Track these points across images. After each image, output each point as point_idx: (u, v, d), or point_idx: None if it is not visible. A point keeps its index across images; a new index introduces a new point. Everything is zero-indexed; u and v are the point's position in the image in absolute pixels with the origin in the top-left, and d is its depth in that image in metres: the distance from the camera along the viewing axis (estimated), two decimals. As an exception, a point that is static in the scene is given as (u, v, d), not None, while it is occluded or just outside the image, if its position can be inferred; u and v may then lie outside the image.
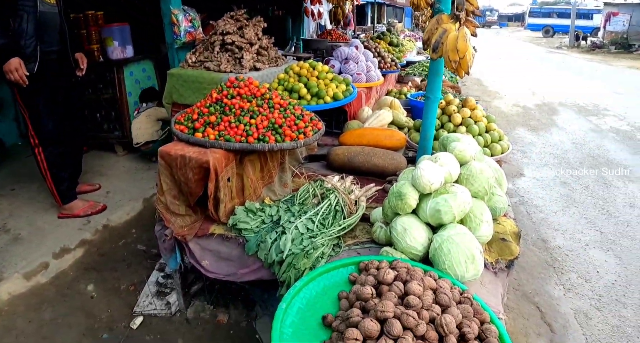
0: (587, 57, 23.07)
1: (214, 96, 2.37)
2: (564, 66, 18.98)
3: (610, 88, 13.27)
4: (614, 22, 26.79)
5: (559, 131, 8.39)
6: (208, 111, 2.31)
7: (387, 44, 5.64)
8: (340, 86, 3.11)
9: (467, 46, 2.02)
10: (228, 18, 3.83)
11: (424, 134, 2.64)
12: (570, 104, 10.70)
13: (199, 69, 3.55)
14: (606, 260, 4.03)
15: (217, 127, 2.22)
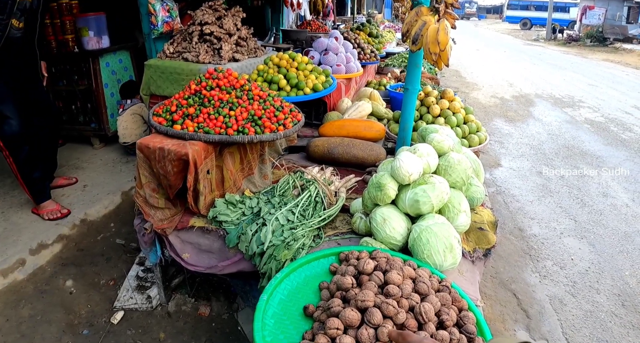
0: (563, 50, 23.51)
1: (193, 88, 2.33)
2: (541, 58, 19.29)
3: (586, 81, 13.57)
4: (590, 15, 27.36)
5: (535, 122, 8.55)
6: (187, 102, 2.28)
7: (366, 35, 5.64)
8: (320, 77, 3.11)
9: (448, 38, 2.04)
10: (207, 8, 3.78)
11: (402, 126, 2.66)
12: (547, 96, 10.90)
13: (177, 60, 3.50)
14: (580, 248, 4.14)
15: (196, 119, 2.20)
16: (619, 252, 4.08)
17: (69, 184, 4.09)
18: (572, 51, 23.49)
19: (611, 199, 5.21)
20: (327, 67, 3.59)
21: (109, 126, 5.01)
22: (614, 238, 4.33)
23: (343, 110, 3.20)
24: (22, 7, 3.05)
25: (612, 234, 4.40)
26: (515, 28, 39.50)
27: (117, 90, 5.09)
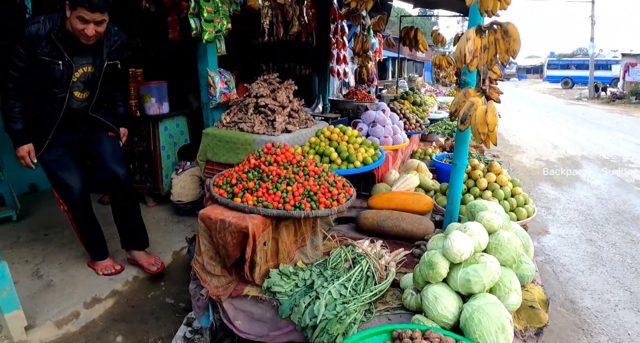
0: (607, 109, 23.10)
1: (252, 162, 2.53)
2: (585, 118, 19.02)
3: (634, 140, 13.23)
4: (633, 72, 26.97)
5: (583, 186, 8.35)
6: (246, 176, 2.47)
7: (410, 104, 5.84)
8: (369, 150, 3.26)
9: (496, 120, 2.15)
10: (262, 81, 4.07)
11: (451, 199, 2.73)
12: (593, 158, 10.67)
13: (233, 129, 3.75)
14: (637, 322, 3.93)
15: (256, 193, 2.36)
16: None
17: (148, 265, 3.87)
18: (617, 109, 23.06)
19: (670, 269, 4.98)
20: (375, 139, 3.76)
21: (163, 186, 5.29)
22: None
23: (391, 182, 3.31)
24: (84, 80, 3.03)
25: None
26: (556, 87, 39.30)
27: (173, 153, 5.41)
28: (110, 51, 3.03)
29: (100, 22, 2.70)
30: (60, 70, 2.82)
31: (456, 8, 6.44)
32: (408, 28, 5.67)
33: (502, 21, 2.07)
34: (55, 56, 2.78)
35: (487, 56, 2.16)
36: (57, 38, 2.73)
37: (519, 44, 2.06)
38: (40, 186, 5.59)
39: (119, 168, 3.35)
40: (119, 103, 3.52)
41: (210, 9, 4.02)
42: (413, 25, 5.75)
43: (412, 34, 5.46)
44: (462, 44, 2.08)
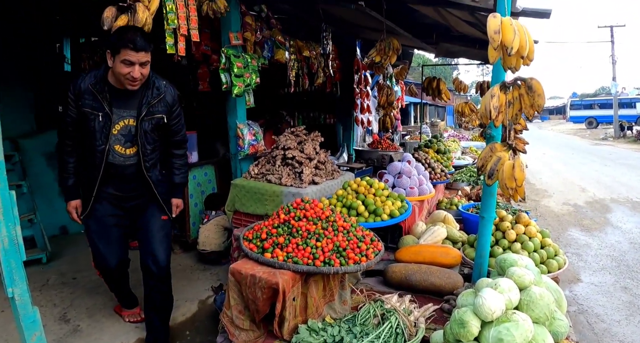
0: (635, 148, 22.67)
1: (282, 217, 2.59)
2: (612, 158, 18.68)
3: (664, 181, 12.91)
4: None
5: (614, 230, 8.11)
6: (276, 231, 2.52)
7: (434, 152, 5.89)
8: (396, 202, 3.29)
9: (524, 175, 2.17)
10: (289, 134, 4.18)
11: (479, 252, 2.72)
12: (623, 200, 10.41)
13: (260, 181, 3.83)
14: None
15: (286, 248, 2.40)
16: None
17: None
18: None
19: None
20: (401, 190, 3.79)
21: (190, 234, 5.36)
22: None
23: (418, 234, 3.31)
24: (125, 133, 2.87)
25: None
26: (580, 128, 38.88)
27: (200, 200, 5.51)
28: (152, 104, 2.90)
29: (144, 63, 2.70)
30: (99, 121, 2.79)
31: (477, 57, 6.59)
32: (430, 78, 5.81)
33: (525, 77, 2.13)
34: (95, 108, 2.78)
35: (512, 111, 2.21)
36: (96, 89, 2.76)
37: (544, 99, 2.11)
38: (71, 229, 5.71)
39: (162, 257, 3.09)
40: (175, 171, 3.22)
41: (240, 65, 4.22)
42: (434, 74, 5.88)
43: (435, 84, 5.58)
44: (487, 101, 2.14)
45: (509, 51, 2.00)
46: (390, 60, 4.33)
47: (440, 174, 4.96)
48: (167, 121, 2.99)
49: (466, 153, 10.54)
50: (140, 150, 2.92)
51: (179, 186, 3.27)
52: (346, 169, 5.09)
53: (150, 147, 2.98)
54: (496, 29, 1.98)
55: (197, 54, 4.71)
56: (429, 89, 5.71)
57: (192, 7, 3.57)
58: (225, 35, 4.27)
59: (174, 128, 3.11)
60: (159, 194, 3.06)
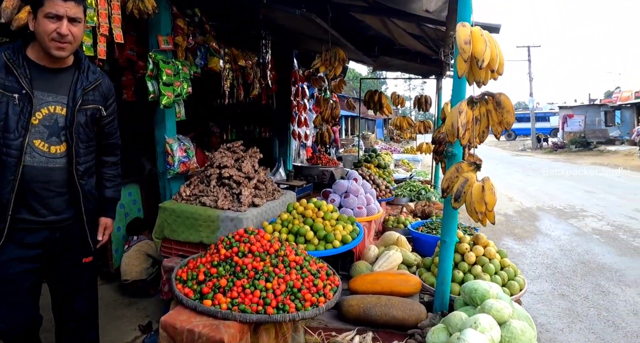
0: (552, 158, 24.29)
1: (222, 252, 2.18)
2: (533, 168, 19.81)
3: (582, 187, 13.76)
4: (571, 123, 28.97)
5: (544, 238, 8.39)
6: (217, 271, 2.11)
7: (375, 167, 5.71)
8: (347, 226, 3.01)
9: (495, 198, 1.97)
10: (225, 149, 3.81)
11: (441, 279, 2.51)
12: (549, 208, 10.89)
13: (193, 203, 3.42)
14: None
15: (230, 293, 2.02)
16: None
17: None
18: (561, 157, 24.30)
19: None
20: (349, 210, 3.53)
21: (113, 262, 4.80)
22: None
23: (371, 259, 3.05)
24: (50, 124, 2.19)
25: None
26: (501, 139, 41.14)
27: (124, 224, 4.96)
28: (87, 90, 2.29)
29: (75, 19, 2.12)
30: (15, 105, 2.08)
31: (416, 71, 6.58)
32: (372, 92, 5.67)
33: (494, 92, 1.94)
34: (9, 87, 2.08)
35: (479, 128, 2.02)
36: (12, 62, 2.10)
37: (513, 116, 1.93)
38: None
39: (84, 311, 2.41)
40: (107, 183, 2.55)
41: (170, 72, 3.78)
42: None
43: (377, 98, 5.43)
44: (455, 118, 1.92)
45: (479, 64, 1.80)
46: (336, 71, 4.09)
47: (385, 191, 4.77)
48: (102, 115, 2.40)
49: (399, 166, 10.60)
50: (73, 149, 2.23)
51: (110, 202, 2.59)
52: (286, 187, 4.78)
53: (84, 146, 2.31)
54: (466, 39, 1.77)
55: (121, 59, 4.21)
56: (370, 103, 5.56)
57: (115, 3, 3.10)
58: (154, 39, 3.81)
59: (108, 128, 2.50)
60: (85, 213, 2.33)
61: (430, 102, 6.68)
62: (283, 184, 4.59)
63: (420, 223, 3.95)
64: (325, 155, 6.35)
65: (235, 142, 3.89)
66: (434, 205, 4.65)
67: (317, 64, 4.16)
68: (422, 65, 5.60)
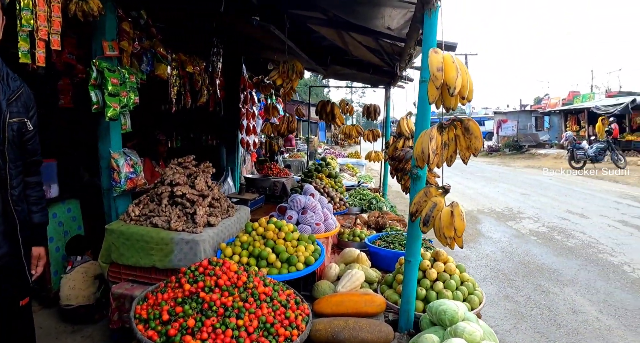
0: (488, 161, 25.48)
1: (186, 288, 2.02)
2: (471, 171, 20.61)
3: (517, 190, 14.51)
4: (505, 127, 30.60)
5: (486, 240, 8.73)
6: (182, 309, 1.94)
7: (326, 177, 5.67)
8: (309, 246, 2.93)
9: (464, 225, 1.98)
10: (176, 166, 3.62)
11: (406, 299, 2.52)
12: (488, 211, 11.35)
13: (144, 224, 3.20)
14: None
15: (199, 334, 1.85)
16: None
17: None
18: (496, 160, 25.52)
19: (582, 315, 5.21)
20: (307, 227, 3.46)
21: (52, 286, 4.46)
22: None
23: (332, 278, 2.99)
24: None
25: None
26: (439, 141, 42.71)
27: (63, 244, 4.63)
28: (11, 100, 2.02)
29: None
30: None
31: (366, 81, 6.62)
32: (324, 102, 5.64)
33: (462, 118, 1.94)
34: None
35: (447, 153, 2.03)
36: None
37: (481, 141, 1.95)
38: None
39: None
40: (33, 207, 2.25)
41: (116, 81, 3.52)
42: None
43: (329, 109, 5.40)
44: (426, 144, 1.92)
45: (451, 91, 1.80)
46: (293, 83, 4.01)
47: (339, 204, 4.74)
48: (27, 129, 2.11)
49: (344, 170, 10.66)
50: (7, 171, 1.97)
51: (39, 229, 2.29)
52: (237, 200, 4.64)
53: (14, 166, 2.02)
54: (439, 66, 1.77)
55: (58, 62, 3.90)
56: (323, 113, 5.53)
57: (55, 5, 2.84)
58: (98, 44, 3.53)
59: (31, 144, 2.18)
60: (23, 245, 2.06)
61: (379, 111, 6.76)
62: (234, 197, 4.45)
63: (376, 236, 3.95)
64: (275, 165, 6.24)
65: (187, 157, 3.71)
66: (387, 216, 4.68)
67: (275, 77, 4.06)
68: (373, 75, 5.65)
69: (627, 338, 4.64)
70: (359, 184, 7.38)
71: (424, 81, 2.14)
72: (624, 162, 19.27)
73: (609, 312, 5.31)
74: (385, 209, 5.17)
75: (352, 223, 4.46)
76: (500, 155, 28.21)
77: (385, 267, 3.43)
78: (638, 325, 4.95)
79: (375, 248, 3.57)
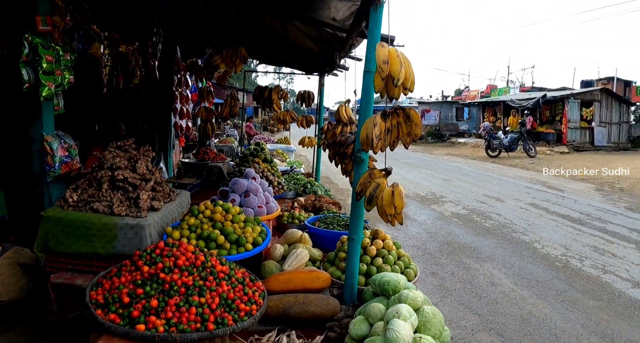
0: (412, 148, 26.65)
1: (145, 270, 2.06)
2: (395, 157, 21.45)
3: (439, 176, 15.38)
4: (428, 117, 32.06)
5: (412, 223, 9.25)
6: (143, 291, 1.96)
7: (262, 161, 5.73)
8: (255, 228, 3.03)
9: (404, 203, 2.18)
10: (115, 148, 3.53)
11: (349, 273, 2.72)
12: (413, 195, 11.97)
13: (83, 210, 3.10)
14: (492, 340, 4.44)
15: (164, 314, 1.89)
16: (524, 336, 4.53)
17: None
18: (419, 148, 26.75)
19: (499, 287, 5.78)
20: (250, 210, 3.54)
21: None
22: (514, 323, 4.78)
23: (277, 257, 3.12)
24: None
25: (512, 320, 4.86)
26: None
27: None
28: None
29: None
30: None
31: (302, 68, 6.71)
32: (262, 88, 5.67)
33: (404, 106, 2.14)
34: None
35: (389, 138, 2.21)
36: None
37: (420, 128, 2.15)
38: None
39: None
40: None
41: (51, 59, 3.33)
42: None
43: (267, 94, 5.45)
44: (370, 130, 2.09)
45: (395, 82, 1.98)
46: (237, 69, 4.03)
47: (277, 187, 4.85)
48: None
49: (274, 156, 10.72)
50: None
51: None
52: (175, 185, 4.61)
53: None
54: (385, 59, 1.93)
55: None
56: (260, 99, 5.57)
57: None
58: (31, 18, 3.31)
59: None
60: None
61: (313, 97, 6.90)
62: (173, 182, 4.42)
63: (315, 218, 4.13)
64: (212, 150, 6.19)
65: (127, 140, 3.64)
66: (323, 199, 4.87)
67: (218, 61, 4.06)
68: (310, 63, 5.77)
69: (538, 306, 5.24)
70: (291, 169, 7.52)
71: (369, 71, 2.31)
72: (535, 151, 21.06)
73: (522, 283, 5.92)
74: (320, 193, 5.36)
75: (290, 206, 4.59)
76: (424, 143, 29.60)
77: (326, 247, 3.61)
78: (547, 294, 5.59)
79: (316, 229, 3.74)
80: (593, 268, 6.56)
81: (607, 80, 30.74)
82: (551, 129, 24.97)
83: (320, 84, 7.03)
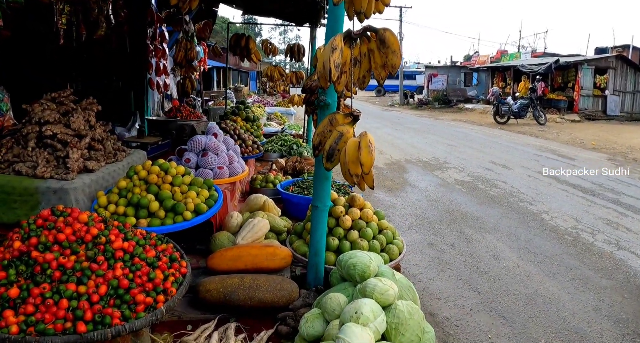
0: (417, 114, 25.89)
1: (16, 245, 1.52)
2: (400, 122, 20.83)
3: (444, 141, 14.74)
4: (435, 82, 31.16)
5: (413, 189, 8.72)
6: (5, 275, 1.44)
7: (242, 121, 5.16)
8: (202, 192, 2.47)
9: (372, 158, 1.61)
10: (48, 101, 2.99)
11: (314, 250, 2.18)
12: (416, 161, 11.40)
13: (6, 172, 2.62)
14: (493, 323, 3.97)
15: (23, 307, 1.40)
16: (529, 318, 4.03)
17: None
18: (425, 113, 25.98)
19: (503, 262, 5.26)
20: (208, 171, 2.99)
21: None
22: (518, 304, 4.28)
23: (233, 228, 2.58)
24: None
25: (515, 300, 4.35)
26: (371, 95, 42.99)
27: None
28: None
29: None
30: None
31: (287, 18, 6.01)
32: (238, 35, 5.02)
33: (377, 27, 1.53)
34: None
35: (358, 72, 1.62)
36: None
37: (399, 57, 1.56)
38: None
39: None
40: None
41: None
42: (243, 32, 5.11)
43: (244, 42, 4.82)
44: (327, 57, 1.50)
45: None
46: (192, 5, 3.39)
47: (252, 147, 4.28)
48: None
49: (272, 119, 10.21)
50: None
51: None
52: (136, 145, 4.06)
53: None
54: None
55: None
56: (237, 48, 4.94)
57: None
58: None
59: None
60: None
61: (304, 51, 6.24)
62: (133, 142, 3.87)
63: (291, 181, 3.59)
64: (186, 107, 5.60)
65: (64, 90, 3.08)
66: (306, 161, 4.32)
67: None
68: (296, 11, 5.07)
69: (545, 284, 4.72)
70: (282, 130, 6.95)
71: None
72: (545, 119, 20.25)
73: (528, 258, 5.40)
74: (306, 155, 4.80)
75: (269, 169, 4.05)
76: (430, 108, 28.82)
77: (299, 215, 3.10)
78: (555, 271, 5.07)
79: (287, 194, 3.21)
80: (606, 243, 6.02)
81: (623, 48, 29.48)
82: (562, 96, 24.01)
83: (312, 37, 6.35)
